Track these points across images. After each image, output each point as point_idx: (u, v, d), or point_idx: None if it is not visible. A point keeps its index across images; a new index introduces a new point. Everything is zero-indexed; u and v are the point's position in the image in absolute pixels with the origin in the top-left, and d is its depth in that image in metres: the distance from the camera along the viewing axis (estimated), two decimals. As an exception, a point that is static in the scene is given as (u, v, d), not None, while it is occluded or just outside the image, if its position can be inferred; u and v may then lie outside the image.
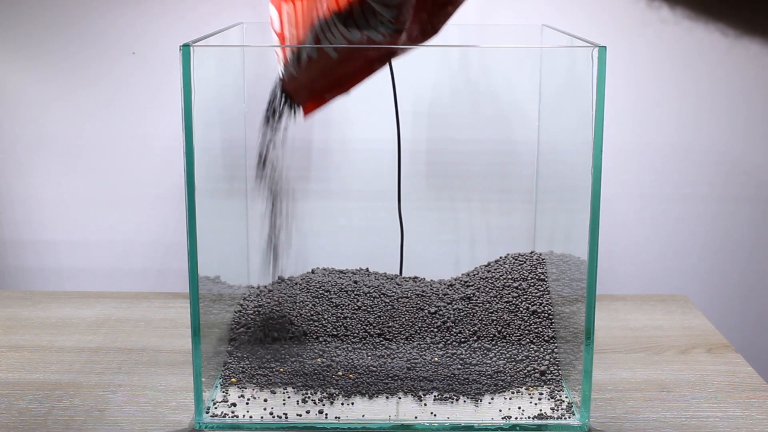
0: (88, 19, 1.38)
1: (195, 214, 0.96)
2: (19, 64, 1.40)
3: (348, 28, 0.98)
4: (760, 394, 1.08)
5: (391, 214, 1.29)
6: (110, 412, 1.04)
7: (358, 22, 0.97)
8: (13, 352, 1.19)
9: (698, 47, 1.39)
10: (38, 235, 1.45)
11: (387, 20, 0.96)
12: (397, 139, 1.26)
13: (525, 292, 1.16)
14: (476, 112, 1.33)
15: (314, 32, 1.01)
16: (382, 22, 0.97)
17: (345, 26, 0.98)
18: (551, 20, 1.30)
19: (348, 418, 1.02)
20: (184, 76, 0.93)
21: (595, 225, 0.97)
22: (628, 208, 1.44)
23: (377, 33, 0.97)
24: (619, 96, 1.38)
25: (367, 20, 0.97)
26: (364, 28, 0.97)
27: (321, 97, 1.07)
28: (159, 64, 1.39)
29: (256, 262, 1.29)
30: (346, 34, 0.98)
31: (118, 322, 1.28)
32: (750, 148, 1.43)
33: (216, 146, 1.15)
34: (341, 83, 1.04)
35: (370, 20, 0.97)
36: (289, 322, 1.13)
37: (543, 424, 1.01)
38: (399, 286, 1.19)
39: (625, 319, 1.30)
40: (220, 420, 1.01)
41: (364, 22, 0.97)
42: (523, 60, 1.28)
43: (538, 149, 1.29)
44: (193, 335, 0.99)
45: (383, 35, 0.98)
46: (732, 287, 1.47)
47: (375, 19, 0.97)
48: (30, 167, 1.43)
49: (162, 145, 1.40)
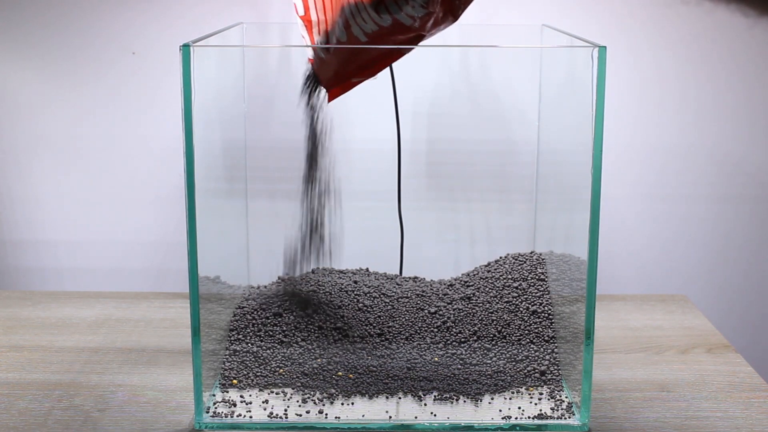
0: (88, 19, 1.38)
1: (195, 214, 0.96)
2: (19, 64, 1.40)
3: (379, 12, 0.99)
4: (760, 394, 1.08)
5: (391, 214, 1.29)
6: (110, 412, 1.04)
7: (389, 6, 0.98)
8: (13, 352, 1.19)
9: (699, 47, 1.39)
10: (38, 235, 1.45)
11: (419, 4, 0.97)
12: (397, 139, 1.26)
13: (525, 292, 1.16)
14: (476, 112, 1.33)
15: (344, 16, 1.02)
16: (413, 7, 0.97)
17: (376, 11, 0.99)
18: (551, 20, 1.30)
19: (348, 418, 1.02)
20: (184, 76, 0.93)
21: (595, 225, 0.97)
22: (629, 208, 1.44)
23: (407, 17, 0.98)
24: (619, 96, 1.38)
25: (398, 4, 0.98)
26: (395, 12, 0.98)
27: (348, 80, 1.08)
28: (159, 64, 1.39)
29: (256, 262, 1.29)
30: (376, 18, 0.99)
31: (118, 322, 1.28)
32: (751, 149, 1.43)
33: (216, 146, 1.15)
34: (369, 66, 1.05)
35: (401, 4, 0.97)
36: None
37: (543, 424, 1.01)
38: (399, 286, 1.19)
39: (625, 319, 1.30)
40: (220, 420, 1.01)
41: (395, 7, 0.98)
42: (523, 60, 1.28)
43: (538, 149, 1.29)
44: (193, 335, 0.99)
45: (413, 18, 0.98)
46: (732, 287, 1.47)
47: (405, 3, 0.97)
48: (30, 167, 1.43)
49: (162, 146, 1.40)
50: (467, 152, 1.34)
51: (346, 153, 1.36)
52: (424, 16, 0.99)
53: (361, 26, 1.00)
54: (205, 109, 0.99)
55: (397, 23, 0.99)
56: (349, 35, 1.02)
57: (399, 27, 0.99)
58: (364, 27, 1.00)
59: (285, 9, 1.35)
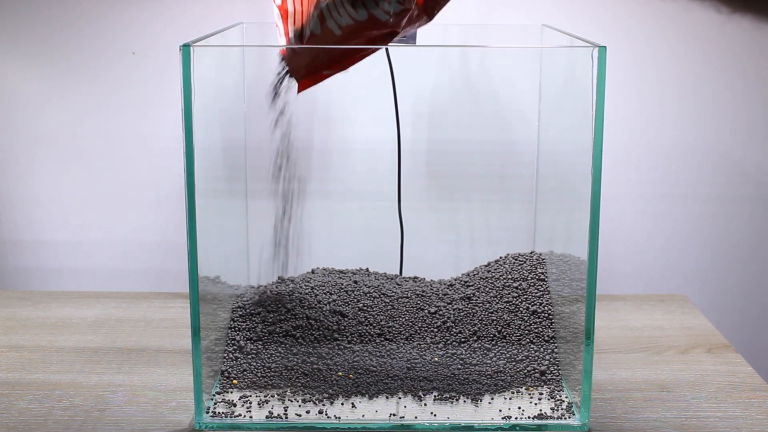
0: (88, 18, 1.38)
1: (195, 214, 0.96)
2: (19, 63, 1.40)
3: (355, 7, 0.99)
4: (760, 394, 1.08)
5: (391, 214, 1.29)
6: (110, 412, 1.04)
7: (366, 2, 0.98)
8: (13, 352, 1.19)
9: (700, 48, 1.39)
10: (38, 235, 1.45)
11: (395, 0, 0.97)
12: (397, 139, 1.26)
13: (525, 292, 1.16)
14: (476, 112, 1.33)
15: (319, 9, 1.02)
16: (389, 2, 0.98)
17: (352, 5, 0.99)
18: (551, 20, 1.30)
19: (348, 418, 1.02)
20: (184, 76, 0.93)
21: (595, 225, 0.97)
22: (628, 208, 1.44)
23: (383, 12, 0.98)
24: (619, 96, 1.38)
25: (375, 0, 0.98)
26: (371, 8, 0.98)
27: (319, 73, 1.07)
28: (159, 64, 1.39)
29: (256, 262, 1.29)
30: (352, 12, 0.99)
31: (118, 322, 1.28)
32: (750, 149, 1.43)
33: (216, 146, 1.15)
34: (341, 60, 1.05)
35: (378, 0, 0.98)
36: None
37: (543, 424, 1.01)
38: (399, 286, 1.19)
39: (625, 319, 1.30)
40: (220, 420, 1.01)
41: (372, 2, 0.98)
42: (523, 60, 1.28)
43: (538, 149, 1.29)
44: (193, 335, 0.99)
45: (389, 14, 0.99)
46: (732, 287, 1.47)
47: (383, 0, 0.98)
48: (30, 167, 1.42)
49: (162, 145, 1.40)
50: (467, 152, 1.34)
51: (346, 153, 1.36)
52: (400, 12, 0.99)
53: (336, 20, 1.01)
54: (205, 109, 0.99)
55: (372, 18, 0.99)
56: (323, 28, 1.02)
57: (374, 22, 1.00)
58: (339, 21, 1.01)
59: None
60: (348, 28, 1.01)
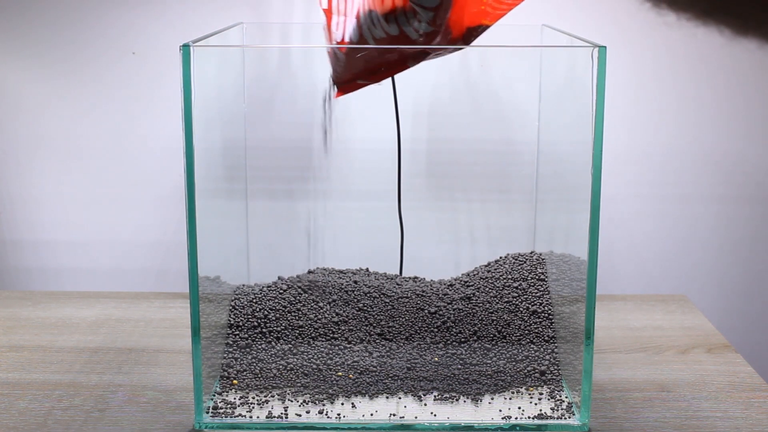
0: (88, 19, 1.38)
1: (195, 214, 0.96)
2: (19, 63, 1.40)
3: (388, 22, 1.04)
4: (760, 394, 1.08)
5: (391, 214, 1.29)
6: (110, 412, 1.04)
7: (398, 17, 1.03)
8: (13, 352, 1.19)
9: (699, 47, 1.39)
10: (38, 235, 1.45)
11: (425, 20, 1.02)
12: (397, 139, 1.26)
13: (525, 292, 1.16)
14: (476, 112, 1.33)
15: (358, 20, 1.07)
16: (419, 21, 1.02)
17: (386, 20, 1.04)
18: (551, 20, 1.30)
19: (348, 418, 1.02)
20: (184, 76, 0.93)
21: (595, 225, 0.97)
22: (628, 208, 1.44)
23: (413, 31, 1.03)
24: (618, 96, 1.38)
25: (406, 16, 1.03)
26: (403, 24, 1.03)
27: (355, 82, 1.12)
28: (159, 64, 1.39)
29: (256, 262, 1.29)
30: (387, 28, 1.04)
31: (118, 322, 1.28)
32: (750, 149, 1.43)
33: (216, 146, 1.15)
34: (376, 72, 1.10)
35: (409, 17, 1.03)
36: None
37: (543, 424, 1.01)
38: (399, 286, 1.19)
39: (625, 319, 1.30)
40: (220, 420, 1.01)
41: (404, 18, 1.03)
42: (523, 60, 1.28)
43: (538, 149, 1.29)
44: (193, 335, 0.99)
45: (418, 33, 1.03)
46: (732, 287, 1.47)
47: (414, 19, 1.02)
48: (30, 167, 1.43)
49: (162, 145, 1.40)
50: (467, 152, 1.34)
51: (346, 153, 1.36)
52: (430, 33, 1.03)
53: (372, 32, 1.05)
54: (205, 109, 0.99)
55: (403, 35, 1.04)
56: (360, 40, 1.07)
57: (405, 39, 1.05)
58: (374, 32, 1.05)
59: (285, 9, 1.35)
60: (381, 41, 1.06)
